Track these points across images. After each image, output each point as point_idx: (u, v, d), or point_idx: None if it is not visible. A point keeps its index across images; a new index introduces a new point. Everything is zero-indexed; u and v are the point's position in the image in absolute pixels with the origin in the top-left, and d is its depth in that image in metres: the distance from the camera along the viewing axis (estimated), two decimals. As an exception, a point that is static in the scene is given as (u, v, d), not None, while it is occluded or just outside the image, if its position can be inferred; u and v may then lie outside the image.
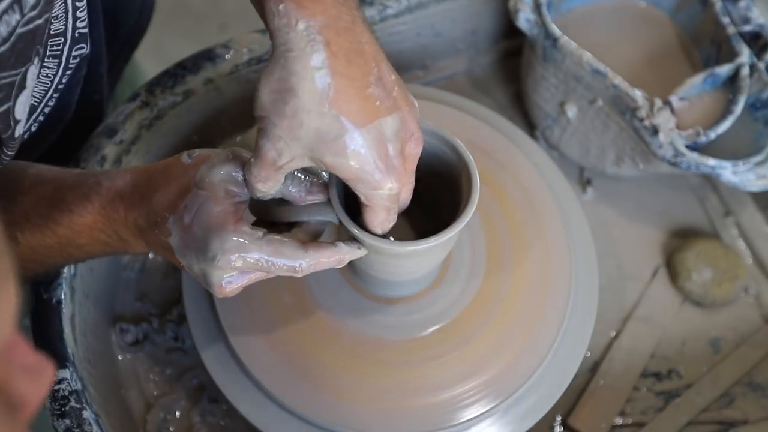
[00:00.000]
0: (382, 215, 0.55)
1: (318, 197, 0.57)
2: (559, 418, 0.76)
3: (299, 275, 0.54)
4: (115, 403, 0.72)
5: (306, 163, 0.52)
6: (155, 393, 0.75)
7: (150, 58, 1.11)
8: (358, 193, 0.54)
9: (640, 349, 0.79)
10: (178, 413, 0.74)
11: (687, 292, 0.82)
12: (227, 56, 0.78)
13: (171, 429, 0.73)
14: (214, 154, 0.55)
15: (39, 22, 0.50)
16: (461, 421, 0.64)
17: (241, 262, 0.52)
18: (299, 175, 0.56)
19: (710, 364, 0.79)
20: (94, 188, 0.57)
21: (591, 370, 0.78)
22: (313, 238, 0.57)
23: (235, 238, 0.52)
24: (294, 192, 0.56)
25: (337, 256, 0.55)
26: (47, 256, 0.59)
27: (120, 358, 0.76)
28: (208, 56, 0.78)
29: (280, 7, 0.48)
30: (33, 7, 0.48)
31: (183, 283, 0.70)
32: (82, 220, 0.57)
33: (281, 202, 0.57)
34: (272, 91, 0.49)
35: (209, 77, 0.78)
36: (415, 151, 0.55)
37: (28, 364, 0.34)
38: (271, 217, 0.58)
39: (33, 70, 0.52)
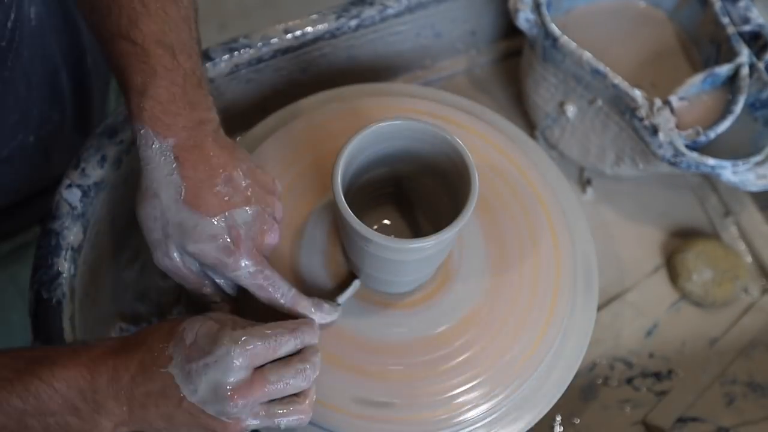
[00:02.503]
0: (263, 294, 0.61)
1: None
2: (559, 418, 0.76)
3: (299, 345, 0.58)
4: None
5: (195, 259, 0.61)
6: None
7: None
8: (232, 279, 0.61)
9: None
10: (178, 413, 0.74)
11: (687, 293, 0.82)
12: (226, 56, 0.78)
13: (171, 429, 0.73)
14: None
15: None
16: (461, 420, 0.64)
17: (252, 348, 0.54)
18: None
19: (710, 365, 0.79)
20: (81, 346, 0.56)
21: (591, 370, 0.78)
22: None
23: (239, 330, 0.55)
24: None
25: (311, 322, 0.61)
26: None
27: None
28: (207, 56, 0.78)
29: (142, 131, 0.60)
30: None
31: None
32: (64, 372, 0.53)
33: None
34: (140, 203, 0.61)
35: (209, 77, 0.78)
36: (269, 241, 0.62)
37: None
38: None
39: None
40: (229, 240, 0.59)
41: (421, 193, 0.71)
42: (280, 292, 0.61)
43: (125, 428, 0.55)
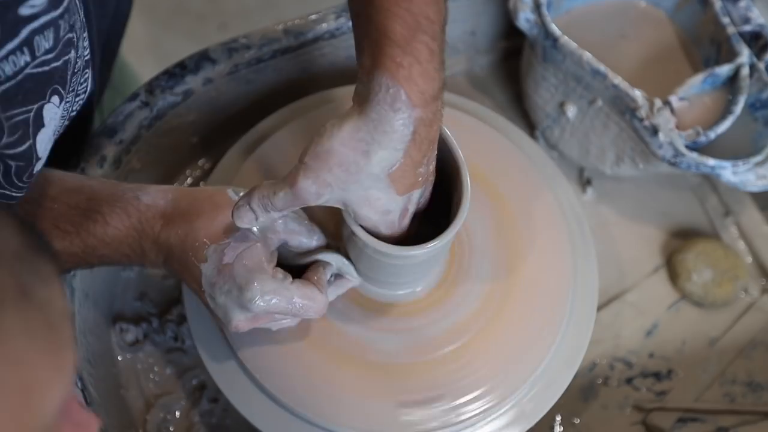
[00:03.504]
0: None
1: (317, 238, 0.63)
2: (559, 418, 0.76)
3: (319, 315, 0.60)
4: (115, 403, 0.72)
5: (331, 204, 0.57)
6: (155, 393, 0.75)
7: (150, 58, 1.11)
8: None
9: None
10: (177, 413, 0.74)
11: (687, 293, 0.82)
12: (226, 56, 0.78)
13: (171, 429, 0.73)
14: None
15: (57, 64, 0.51)
16: (461, 420, 0.64)
17: (274, 306, 0.57)
18: (322, 235, 0.63)
19: (710, 365, 0.79)
20: (132, 203, 0.60)
21: (591, 370, 0.78)
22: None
23: (272, 283, 0.57)
24: (314, 244, 0.62)
25: (341, 290, 0.63)
26: (66, 262, 0.61)
27: (120, 358, 0.76)
28: (207, 56, 0.78)
29: (391, 90, 0.52)
30: (48, 51, 0.50)
31: (183, 283, 0.70)
32: (116, 233, 0.59)
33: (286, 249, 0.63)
34: (344, 144, 0.54)
35: (209, 77, 0.78)
36: (422, 207, 0.61)
37: (79, 420, 0.39)
38: (284, 261, 0.62)
39: (50, 108, 0.53)
40: (398, 216, 0.59)
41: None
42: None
43: (161, 268, 0.62)
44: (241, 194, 0.58)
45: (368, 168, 0.54)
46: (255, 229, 0.59)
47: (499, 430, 0.66)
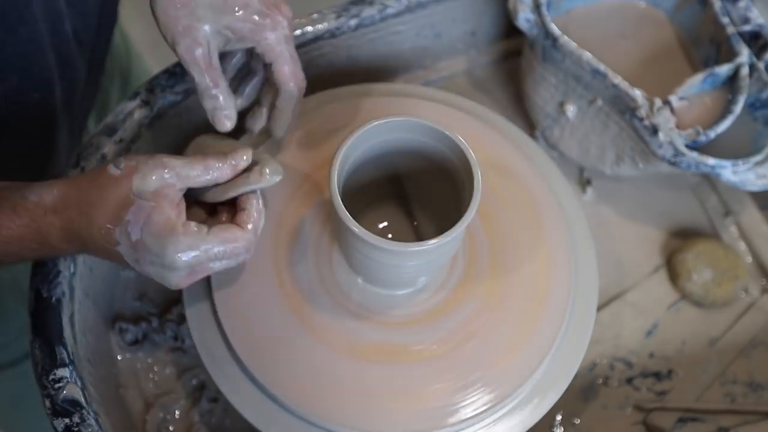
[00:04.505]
0: (289, 65, 0.63)
1: (218, 167, 0.60)
2: (559, 418, 0.76)
3: (250, 253, 0.59)
4: (115, 403, 0.72)
5: (222, 41, 0.61)
6: (155, 393, 0.75)
7: (150, 58, 1.11)
8: (261, 54, 0.62)
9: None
10: (177, 413, 0.74)
11: (687, 293, 0.82)
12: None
13: (171, 429, 0.73)
14: (142, 163, 0.58)
15: None
16: (461, 420, 0.64)
17: (196, 259, 0.57)
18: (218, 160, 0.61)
19: (710, 365, 0.79)
20: (20, 203, 0.58)
21: (591, 370, 0.78)
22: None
23: (186, 240, 0.57)
24: (218, 175, 0.60)
25: (260, 212, 0.60)
26: None
27: (120, 357, 0.76)
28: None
29: None
30: None
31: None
32: (11, 233, 0.58)
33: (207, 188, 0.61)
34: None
35: (209, 77, 0.78)
36: None
37: None
38: (203, 199, 0.61)
39: None
40: (261, 5, 0.60)
41: (422, 192, 0.71)
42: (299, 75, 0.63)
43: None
44: (123, 165, 0.58)
45: None
46: (151, 191, 0.57)
47: (499, 430, 0.66)
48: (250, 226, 0.59)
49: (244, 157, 0.61)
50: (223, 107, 0.63)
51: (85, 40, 0.79)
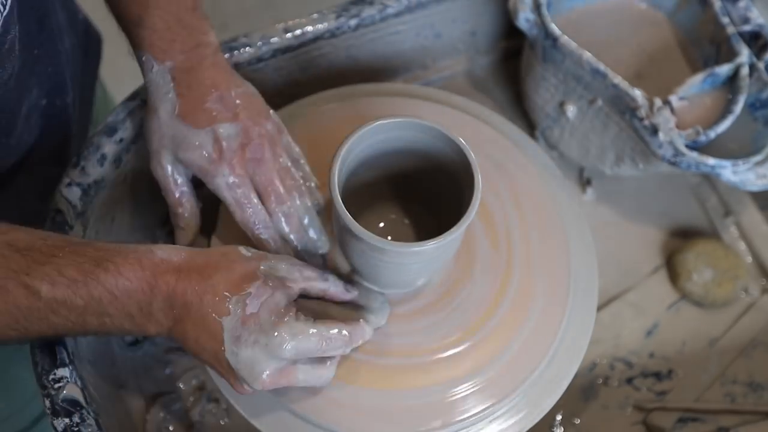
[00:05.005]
0: (240, 213, 0.66)
1: (353, 296, 0.64)
2: (559, 418, 0.76)
3: (347, 350, 0.60)
4: (115, 403, 0.72)
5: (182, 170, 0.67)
6: (155, 393, 0.75)
7: (150, 58, 1.11)
8: (214, 190, 0.66)
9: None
10: (178, 413, 0.74)
11: (687, 293, 0.82)
12: (226, 56, 0.78)
13: (170, 429, 0.73)
14: (269, 255, 0.61)
15: None
16: (460, 420, 0.64)
17: (303, 345, 0.57)
18: (337, 279, 0.64)
19: (710, 365, 0.79)
20: (146, 255, 0.57)
21: (591, 370, 0.78)
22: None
23: (299, 325, 0.57)
24: (333, 290, 0.63)
25: (363, 331, 0.62)
26: (62, 319, 0.57)
27: (120, 357, 0.76)
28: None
29: (143, 58, 0.68)
30: None
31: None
32: (127, 285, 0.56)
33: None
34: (145, 119, 0.68)
35: (209, 77, 0.78)
36: (251, 155, 0.66)
37: None
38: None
39: None
40: (212, 150, 0.65)
41: (422, 192, 0.71)
42: (258, 220, 0.65)
43: (164, 335, 0.59)
44: (252, 251, 0.60)
45: (159, 119, 0.67)
46: (277, 275, 0.59)
47: (500, 430, 0.66)
48: (352, 330, 0.60)
49: (356, 292, 0.65)
50: (181, 225, 0.69)
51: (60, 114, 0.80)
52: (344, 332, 0.59)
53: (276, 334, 0.55)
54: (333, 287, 0.63)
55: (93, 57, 0.92)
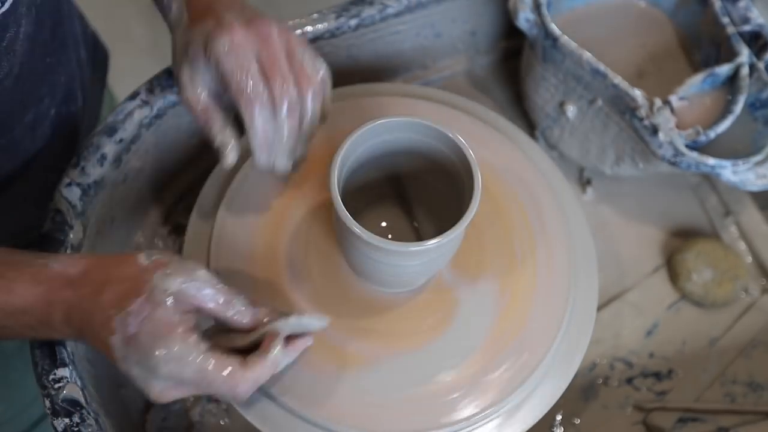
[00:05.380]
0: (234, 80, 0.59)
1: (239, 309, 0.57)
2: (559, 418, 0.76)
3: (237, 394, 0.55)
4: (115, 403, 0.72)
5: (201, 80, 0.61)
6: (155, 393, 0.75)
7: (150, 58, 1.11)
8: (213, 62, 0.60)
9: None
10: (178, 413, 0.74)
11: (687, 293, 0.82)
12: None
13: (170, 429, 0.73)
14: (173, 263, 0.55)
15: None
16: (460, 420, 0.64)
17: (183, 372, 0.53)
18: (245, 305, 0.57)
19: (710, 365, 0.79)
20: (42, 271, 0.56)
21: (591, 370, 0.78)
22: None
23: (179, 349, 0.53)
24: (237, 321, 0.57)
25: (273, 366, 0.56)
26: None
27: (119, 357, 0.75)
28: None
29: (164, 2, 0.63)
30: None
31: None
32: (21, 302, 0.55)
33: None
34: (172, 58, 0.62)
35: (209, 77, 0.78)
36: (257, 30, 0.60)
37: None
38: (225, 344, 0.57)
39: None
40: (211, 27, 0.60)
41: (422, 192, 0.71)
42: (256, 94, 0.60)
43: (73, 340, 0.58)
44: (154, 258, 0.55)
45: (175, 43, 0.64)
46: (166, 290, 0.54)
47: (499, 430, 0.66)
48: (251, 374, 0.55)
49: (266, 320, 0.57)
50: (216, 144, 0.63)
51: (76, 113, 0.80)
52: (225, 372, 0.54)
53: (153, 357, 0.53)
54: (236, 316, 0.56)
55: (101, 69, 0.91)
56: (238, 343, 0.57)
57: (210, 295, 0.55)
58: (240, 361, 0.55)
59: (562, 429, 0.76)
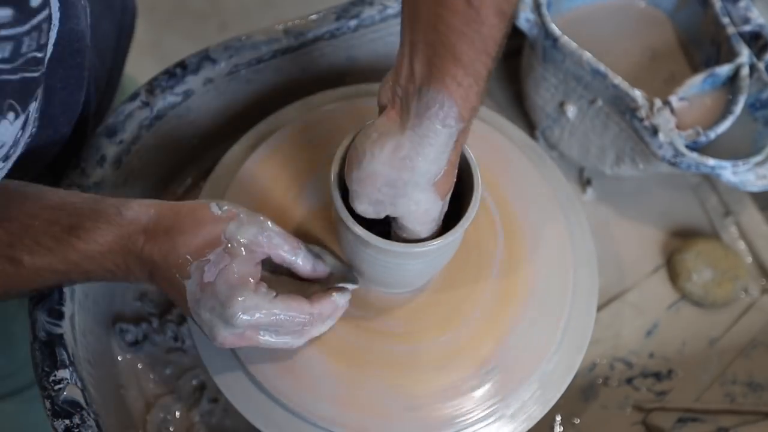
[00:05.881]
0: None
1: (321, 274, 0.63)
2: (559, 418, 0.76)
3: (304, 338, 0.61)
4: (115, 403, 0.72)
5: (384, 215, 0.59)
6: (155, 393, 0.75)
7: (150, 58, 1.11)
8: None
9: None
10: (178, 413, 0.74)
11: (687, 293, 0.82)
12: (226, 56, 0.78)
13: (171, 429, 0.73)
14: (243, 213, 0.60)
15: (11, 77, 0.50)
16: (460, 420, 0.64)
17: (256, 321, 0.57)
18: (309, 254, 0.62)
19: (710, 365, 0.79)
20: (115, 218, 0.59)
21: (591, 370, 0.78)
22: None
23: (254, 299, 0.57)
24: (301, 265, 0.62)
25: (333, 305, 0.61)
26: (49, 279, 0.61)
27: (120, 358, 0.76)
28: (207, 56, 0.78)
29: (446, 108, 0.54)
30: (2, 61, 0.49)
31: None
32: (99, 248, 0.59)
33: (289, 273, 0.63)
34: (388, 164, 0.56)
35: (209, 77, 0.78)
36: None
37: None
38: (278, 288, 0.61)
39: (5, 125, 0.52)
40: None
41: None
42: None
43: (146, 283, 0.61)
44: (225, 208, 0.59)
45: (414, 180, 0.56)
46: (241, 240, 0.58)
47: (500, 431, 0.66)
48: (317, 308, 0.60)
49: (327, 271, 0.63)
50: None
51: (99, 77, 0.80)
52: (303, 314, 0.59)
53: (229, 306, 0.56)
54: (301, 261, 0.61)
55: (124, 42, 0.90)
56: (294, 290, 0.61)
57: (280, 243, 0.60)
58: (304, 299, 0.59)
59: (562, 429, 0.76)
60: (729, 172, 0.74)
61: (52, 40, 0.55)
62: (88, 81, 0.71)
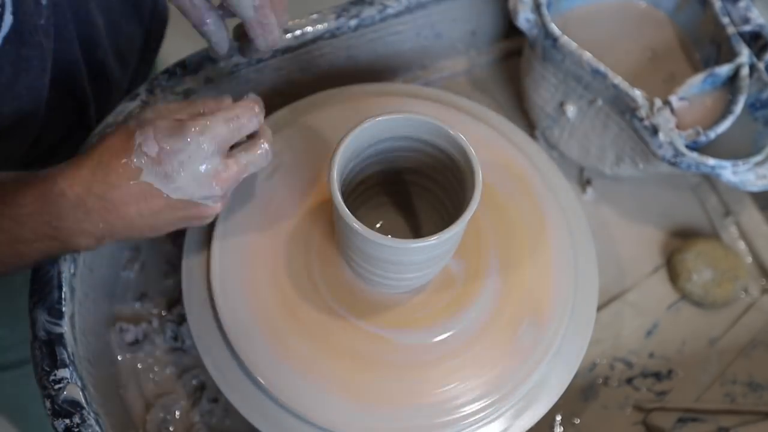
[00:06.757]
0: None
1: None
2: (559, 418, 0.76)
3: (259, 118, 0.62)
4: (115, 403, 0.72)
5: None
6: (155, 393, 0.75)
7: (150, 58, 1.11)
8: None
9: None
10: (178, 413, 0.74)
11: (687, 293, 0.82)
12: (228, 56, 0.78)
13: (171, 429, 0.73)
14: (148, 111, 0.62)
15: None
16: (460, 420, 0.64)
17: (221, 137, 0.58)
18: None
19: (710, 365, 0.79)
20: (36, 175, 0.58)
21: (591, 370, 0.78)
22: None
23: (200, 122, 0.58)
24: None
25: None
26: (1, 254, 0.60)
27: (120, 358, 0.76)
28: (207, 56, 0.78)
29: None
30: None
31: (183, 283, 0.70)
32: (23, 210, 0.57)
33: None
34: None
35: (209, 77, 0.78)
36: None
37: None
38: None
39: None
40: None
41: (421, 190, 0.71)
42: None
43: (110, 239, 0.59)
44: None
45: None
46: (147, 115, 0.60)
47: (500, 430, 0.66)
48: (244, 105, 0.61)
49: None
50: (212, 39, 0.66)
51: (128, 59, 0.81)
52: (241, 107, 0.60)
53: (188, 140, 0.57)
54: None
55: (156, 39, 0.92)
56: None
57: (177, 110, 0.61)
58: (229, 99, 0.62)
59: (562, 429, 0.76)
60: (729, 172, 0.74)
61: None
62: (93, 76, 0.72)
